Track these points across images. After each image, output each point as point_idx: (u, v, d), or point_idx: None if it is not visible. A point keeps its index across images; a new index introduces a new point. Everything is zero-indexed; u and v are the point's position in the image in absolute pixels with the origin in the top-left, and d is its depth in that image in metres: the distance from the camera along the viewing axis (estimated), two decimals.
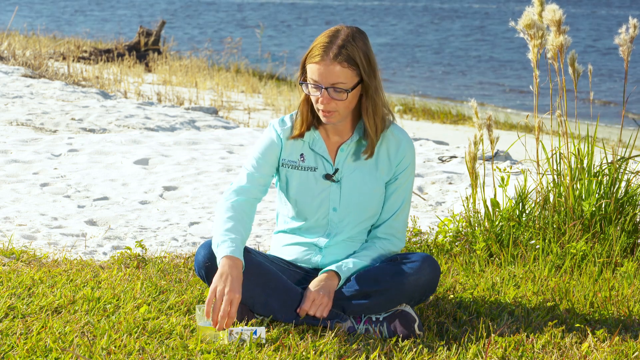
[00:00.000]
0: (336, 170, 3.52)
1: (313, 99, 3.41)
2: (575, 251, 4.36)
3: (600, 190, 4.52)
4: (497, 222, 4.57)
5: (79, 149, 7.54)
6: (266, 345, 3.18)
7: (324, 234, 3.55)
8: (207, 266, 3.41)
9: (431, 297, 3.82)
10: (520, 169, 4.99)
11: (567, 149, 4.59)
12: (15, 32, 19.41)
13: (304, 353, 3.11)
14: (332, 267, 3.43)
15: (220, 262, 3.28)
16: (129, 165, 7.05)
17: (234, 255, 3.28)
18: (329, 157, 3.53)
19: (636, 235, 4.50)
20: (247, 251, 3.47)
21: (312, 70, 3.37)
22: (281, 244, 3.64)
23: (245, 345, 3.17)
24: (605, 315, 3.74)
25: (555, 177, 4.62)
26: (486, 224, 4.60)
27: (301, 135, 3.53)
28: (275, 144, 3.55)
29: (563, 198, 4.55)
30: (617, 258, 4.37)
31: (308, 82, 3.40)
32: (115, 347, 3.09)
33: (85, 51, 17.58)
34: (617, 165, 4.55)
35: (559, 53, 4.55)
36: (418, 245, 4.63)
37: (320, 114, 3.42)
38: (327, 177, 3.51)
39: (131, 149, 7.61)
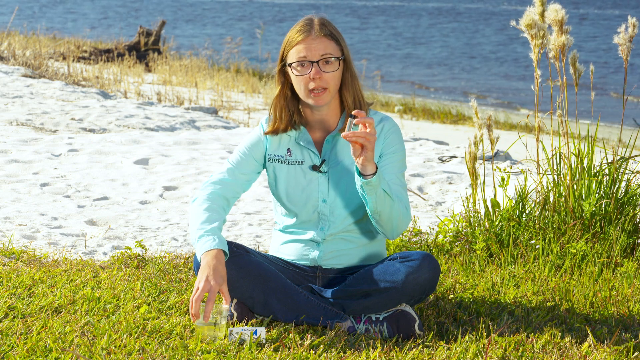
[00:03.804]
0: (323, 161, 3.52)
1: (302, 81, 3.42)
2: (575, 251, 4.36)
3: (600, 190, 4.52)
4: (497, 222, 4.57)
5: (79, 149, 7.54)
6: (266, 345, 3.18)
7: (317, 228, 3.55)
8: None
9: (431, 297, 3.82)
10: (521, 169, 4.99)
11: (568, 149, 4.59)
12: (15, 32, 19.41)
13: (304, 353, 3.11)
14: None
15: (201, 257, 3.30)
16: (129, 165, 7.05)
17: (212, 248, 3.29)
18: (315, 150, 3.54)
19: (636, 235, 4.50)
20: (247, 251, 3.48)
21: (298, 50, 3.42)
22: (279, 243, 3.64)
23: (245, 345, 3.17)
24: (605, 315, 3.73)
25: (555, 177, 4.62)
26: (486, 224, 4.60)
27: (275, 132, 3.55)
28: (260, 141, 3.59)
29: (563, 198, 4.55)
30: (617, 258, 4.37)
31: (293, 64, 3.43)
32: (115, 347, 3.08)
33: (85, 51, 17.58)
34: (617, 165, 4.55)
35: (561, 53, 4.55)
36: (418, 245, 4.63)
37: (311, 98, 3.43)
38: (314, 168, 3.53)
39: (131, 149, 7.61)
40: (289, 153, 3.57)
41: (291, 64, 3.44)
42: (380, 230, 3.44)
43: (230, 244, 3.44)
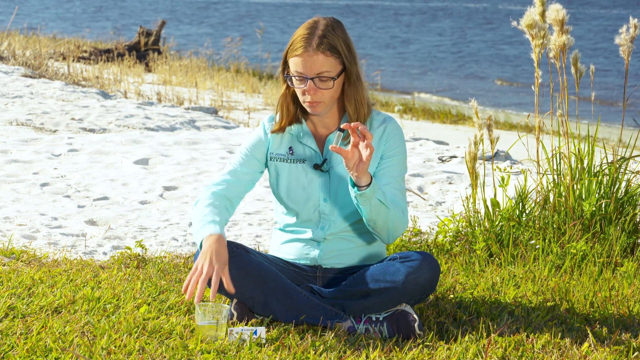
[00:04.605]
0: (324, 160, 3.52)
1: (299, 92, 3.42)
2: (575, 251, 4.36)
3: (600, 190, 4.52)
4: (497, 222, 4.57)
5: (79, 149, 7.54)
6: (266, 345, 3.18)
7: (317, 227, 3.55)
8: None
9: (431, 297, 3.82)
10: (521, 169, 4.99)
11: (568, 149, 4.59)
12: (15, 32, 19.40)
13: (304, 353, 3.11)
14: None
15: (202, 244, 3.29)
16: (129, 165, 7.05)
17: (214, 232, 3.30)
18: (317, 149, 3.54)
19: (636, 235, 4.50)
20: (247, 251, 3.48)
21: (296, 63, 3.39)
22: (279, 242, 3.64)
23: (245, 345, 3.17)
24: (605, 315, 3.74)
25: (556, 177, 4.62)
26: (486, 224, 4.60)
27: (282, 129, 3.55)
28: (262, 141, 3.59)
29: (563, 198, 4.55)
30: (617, 258, 4.37)
31: (292, 75, 3.41)
32: (115, 347, 3.08)
33: (85, 51, 17.58)
34: (617, 165, 4.55)
35: (561, 53, 4.55)
36: (418, 245, 4.63)
37: (307, 106, 3.43)
38: (316, 167, 3.52)
39: (131, 149, 7.61)
40: (290, 152, 3.56)
41: (289, 75, 3.43)
42: (376, 236, 3.46)
43: (230, 244, 3.44)
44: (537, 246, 4.44)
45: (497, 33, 35.69)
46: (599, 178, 4.53)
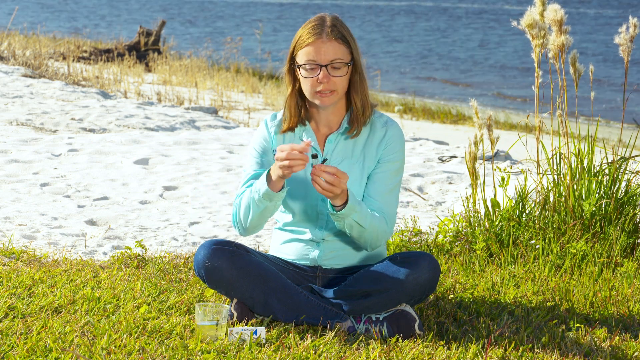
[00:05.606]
0: (324, 160, 3.52)
1: (309, 83, 3.42)
2: (575, 251, 4.36)
3: (600, 190, 4.52)
4: (497, 222, 4.57)
5: (79, 149, 7.54)
6: (266, 345, 3.18)
7: (316, 227, 3.55)
8: (207, 266, 3.41)
9: (431, 297, 3.82)
10: (521, 169, 4.99)
11: (568, 149, 4.59)
12: (15, 32, 19.40)
13: (304, 353, 3.11)
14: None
15: (267, 176, 3.33)
16: (129, 165, 7.05)
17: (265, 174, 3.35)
18: (318, 148, 3.54)
19: (636, 235, 4.50)
20: (247, 251, 3.48)
21: (308, 52, 3.41)
22: (279, 242, 3.64)
23: (245, 345, 3.17)
24: (605, 315, 3.74)
25: (556, 177, 4.62)
26: (486, 224, 4.60)
27: (291, 129, 3.55)
28: (267, 139, 3.59)
29: (563, 198, 4.55)
30: (617, 258, 4.37)
31: (302, 65, 3.42)
32: (115, 347, 3.09)
33: (85, 51, 17.58)
34: (617, 165, 4.55)
35: (560, 53, 4.56)
36: (418, 245, 4.63)
37: (317, 97, 3.43)
38: None
39: (131, 149, 7.61)
40: None
41: (300, 65, 3.44)
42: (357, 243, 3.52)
43: (230, 244, 3.44)
44: (537, 246, 4.44)
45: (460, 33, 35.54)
46: (599, 178, 4.53)
